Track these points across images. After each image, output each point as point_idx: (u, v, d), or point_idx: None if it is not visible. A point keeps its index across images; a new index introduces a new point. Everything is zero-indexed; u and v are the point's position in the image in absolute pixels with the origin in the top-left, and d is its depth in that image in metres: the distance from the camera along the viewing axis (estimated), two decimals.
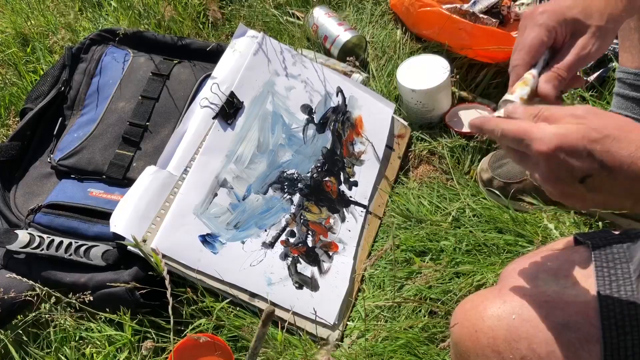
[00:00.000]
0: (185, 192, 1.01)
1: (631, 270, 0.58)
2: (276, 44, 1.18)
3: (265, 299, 0.98)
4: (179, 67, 1.22)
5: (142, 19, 1.50)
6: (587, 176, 0.49)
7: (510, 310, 0.61)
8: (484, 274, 0.96)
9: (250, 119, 1.10)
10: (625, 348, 0.55)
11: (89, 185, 1.08)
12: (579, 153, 0.49)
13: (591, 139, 0.49)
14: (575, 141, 0.49)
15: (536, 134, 0.51)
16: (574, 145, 0.49)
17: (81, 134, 1.14)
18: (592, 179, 0.49)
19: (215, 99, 1.08)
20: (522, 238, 1.00)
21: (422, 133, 1.22)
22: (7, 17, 1.61)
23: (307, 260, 1.05)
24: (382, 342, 0.93)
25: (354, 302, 1.03)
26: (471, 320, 0.63)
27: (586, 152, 0.49)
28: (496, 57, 1.23)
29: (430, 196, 1.11)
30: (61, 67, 1.23)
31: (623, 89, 0.92)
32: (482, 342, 0.61)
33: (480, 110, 1.21)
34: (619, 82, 0.93)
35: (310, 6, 1.48)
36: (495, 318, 0.61)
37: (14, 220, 1.05)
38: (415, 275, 1.01)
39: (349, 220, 1.11)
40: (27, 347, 0.98)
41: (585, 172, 0.49)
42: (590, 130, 0.49)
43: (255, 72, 1.13)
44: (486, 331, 0.61)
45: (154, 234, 0.96)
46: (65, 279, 0.98)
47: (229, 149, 1.07)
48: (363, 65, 1.35)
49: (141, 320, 0.98)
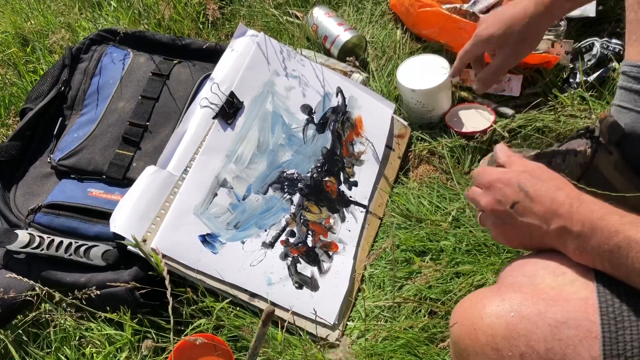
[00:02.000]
0: (185, 192, 1.01)
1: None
2: (276, 44, 1.18)
3: (265, 299, 0.98)
4: (179, 67, 1.22)
5: (142, 19, 1.50)
6: (515, 202, 0.67)
7: (508, 308, 0.61)
8: (484, 274, 0.96)
9: (250, 119, 1.10)
10: (624, 342, 0.55)
11: (89, 185, 1.08)
12: (512, 184, 0.68)
13: (523, 177, 0.68)
14: (510, 176, 0.69)
15: (488, 170, 0.73)
16: (509, 178, 0.69)
17: (81, 134, 1.14)
18: (519, 205, 0.67)
19: (215, 99, 1.08)
20: None
21: (422, 133, 1.22)
22: (7, 17, 1.61)
23: (307, 260, 1.05)
24: (382, 342, 0.93)
25: (353, 302, 1.03)
26: (470, 319, 0.63)
27: (517, 185, 0.68)
28: None
29: (430, 196, 1.11)
30: (61, 67, 1.23)
31: (627, 82, 0.92)
32: (481, 340, 0.61)
33: (481, 111, 1.21)
34: (624, 75, 0.93)
35: (310, 6, 1.48)
36: (493, 316, 0.61)
37: (14, 220, 1.05)
38: (415, 275, 1.01)
39: (349, 220, 1.11)
40: (27, 347, 0.98)
41: (515, 199, 0.67)
42: (523, 172, 0.69)
43: (255, 72, 1.13)
44: (485, 329, 0.61)
45: (154, 234, 0.96)
46: (65, 279, 0.98)
47: (229, 149, 1.07)
48: (363, 65, 1.35)
49: (141, 320, 0.98)
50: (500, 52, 1.01)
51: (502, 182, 0.69)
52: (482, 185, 0.72)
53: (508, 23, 0.97)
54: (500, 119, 1.18)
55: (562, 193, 0.64)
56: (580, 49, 1.23)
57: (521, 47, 0.99)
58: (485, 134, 1.16)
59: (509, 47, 0.99)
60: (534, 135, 1.13)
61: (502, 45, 1.00)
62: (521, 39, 0.97)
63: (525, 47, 0.99)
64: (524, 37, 0.97)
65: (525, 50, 1.00)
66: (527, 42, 0.98)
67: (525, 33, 0.96)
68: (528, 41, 0.98)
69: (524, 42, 0.98)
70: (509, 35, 0.97)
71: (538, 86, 1.22)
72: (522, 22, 0.95)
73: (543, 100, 1.18)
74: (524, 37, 0.97)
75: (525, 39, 0.97)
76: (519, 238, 0.69)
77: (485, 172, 0.73)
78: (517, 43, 0.98)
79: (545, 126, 1.13)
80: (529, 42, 0.99)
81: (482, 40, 1.01)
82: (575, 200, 0.63)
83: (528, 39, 0.97)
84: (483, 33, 1.01)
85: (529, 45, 0.99)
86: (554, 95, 1.18)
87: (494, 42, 1.00)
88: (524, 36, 0.96)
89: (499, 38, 0.99)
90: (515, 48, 0.99)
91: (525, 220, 0.66)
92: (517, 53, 1.00)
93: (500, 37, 0.98)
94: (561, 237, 0.63)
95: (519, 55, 1.01)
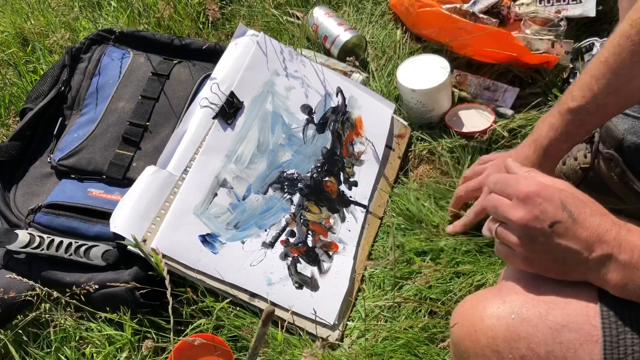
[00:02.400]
0: (185, 192, 1.01)
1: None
2: (276, 44, 1.18)
3: (265, 299, 0.98)
4: (179, 67, 1.22)
5: (142, 19, 1.50)
6: (556, 222, 0.59)
7: (509, 310, 0.60)
8: (484, 274, 0.96)
9: (250, 119, 1.10)
10: (625, 346, 0.55)
11: (89, 185, 1.08)
12: (554, 201, 0.59)
13: (564, 195, 0.60)
14: (552, 191, 0.60)
15: (522, 179, 0.63)
16: (551, 194, 0.60)
17: (81, 134, 1.14)
18: (560, 225, 0.59)
19: (215, 98, 1.08)
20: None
21: (422, 133, 1.22)
22: (7, 17, 1.61)
23: (307, 260, 1.05)
24: (382, 342, 0.93)
25: (353, 302, 1.03)
26: (470, 320, 0.63)
27: (560, 202, 0.59)
28: (496, 57, 1.23)
29: (430, 196, 1.11)
30: (61, 67, 1.23)
31: None
32: (482, 342, 0.61)
33: (481, 110, 1.21)
34: None
35: (310, 6, 1.48)
36: (494, 318, 0.61)
37: (14, 220, 1.05)
38: (415, 275, 1.01)
39: (349, 220, 1.11)
40: (27, 347, 0.98)
41: (557, 218, 0.59)
42: (563, 190, 0.61)
43: (255, 72, 1.13)
44: (485, 331, 0.61)
45: (154, 233, 0.96)
46: (65, 279, 0.98)
47: (229, 148, 1.07)
48: (363, 65, 1.35)
49: (141, 320, 0.98)
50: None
51: (543, 197, 0.60)
52: (514, 196, 0.62)
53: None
54: (500, 119, 1.18)
55: (608, 219, 0.59)
56: (580, 49, 1.23)
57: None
58: (485, 134, 1.16)
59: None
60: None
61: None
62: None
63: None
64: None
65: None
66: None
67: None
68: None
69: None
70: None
71: (538, 86, 1.22)
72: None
73: (543, 100, 1.18)
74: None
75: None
76: (546, 262, 0.61)
77: (519, 182, 0.62)
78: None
79: None
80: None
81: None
82: (622, 227, 0.58)
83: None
84: (485, 181, 0.95)
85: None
86: (554, 95, 1.18)
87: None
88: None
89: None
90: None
91: (564, 243, 0.58)
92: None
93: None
94: (604, 267, 0.57)
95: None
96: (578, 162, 0.98)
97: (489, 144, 1.16)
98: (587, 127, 0.83)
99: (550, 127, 0.85)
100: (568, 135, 0.84)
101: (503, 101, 1.21)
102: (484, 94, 1.23)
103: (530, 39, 1.23)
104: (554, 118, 0.84)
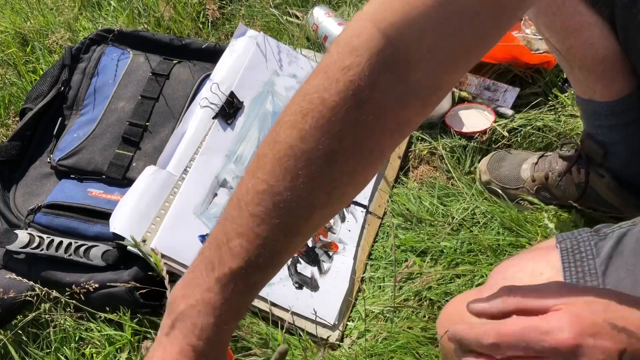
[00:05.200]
0: (185, 192, 1.01)
1: (597, 265, 0.59)
2: (276, 44, 1.18)
3: (265, 299, 0.97)
4: (179, 67, 1.22)
5: (142, 19, 1.50)
6: (624, 350, 0.43)
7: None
8: (484, 275, 0.96)
9: (250, 118, 1.10)
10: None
11: (89, 185, 1.08)
12: (604, 329, 0.43)
13: (605, 310, 0.45)
14: (593, 318, 0.44)
15: (551, 324, 0.44)
16: (595, 322, 0.44)
17: (81, 134, 1.14)
18: (632, 351, 0.43)
19: (215, 98, 1.08)
20: (522, 237, 1.00)
21: (422, 133, 1.22)
22: (7, 17, 1.61)
23: (307, 260, 1.05)
24: (382, 343, 0.93)
25: (353, 302, 1.03)
26: (453, 321, 0.63)
27: (609, 325, 0.43)
28: (496, 56, 1.23)
29: (430, 196, 1.11)
30: (61, 67, 1.23)
31: None
32: None
33: (481, 110, 1.21)
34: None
35: (310, 6, 1.47)
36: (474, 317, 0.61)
37: (14, 220, 1.05)
38: (415, 275, 1.01)
39: (349, 220, 1.11)
40: (27, 347, 0.98)
41: (622, 344, 0.43)
42: (595, 302, 0.45)
43: (255, 71, 1.13)
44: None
45: (154, 234, 0.96)
46: (65, 279, 0.98)
47: (228, 149, 1.07)
48: None
49: (141, 320, 0.98)
50: None
51: (589, 333, 0.43)
52: (552, 353, 0.44)
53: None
54: (500, 119, 1.18)
55: None
56: None
57: None
58: (485, 134, 1.16)
59: None
60: (534, 133, 1.13)
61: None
62: None
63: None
64: None
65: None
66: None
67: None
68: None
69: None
70: None
71: (538, 86, 1.22)
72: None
73: (543, 100, 1.18)
74: None
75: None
76: None
77: (551, 332, 0.44)
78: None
79: (545, 126, 1.13)
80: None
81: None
82: None
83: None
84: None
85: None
86: (554, 95, 1.18)
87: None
88: None
89: None
90: None
91: None
92: None
93: None
94: None
95: None
96: (573, 177, 0.99)
97: (489, 144, 1.16)
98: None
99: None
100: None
101: (503, 101, 1.21)
102: (484, 94, 1.23)
103: (530, 38, 1.22)
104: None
